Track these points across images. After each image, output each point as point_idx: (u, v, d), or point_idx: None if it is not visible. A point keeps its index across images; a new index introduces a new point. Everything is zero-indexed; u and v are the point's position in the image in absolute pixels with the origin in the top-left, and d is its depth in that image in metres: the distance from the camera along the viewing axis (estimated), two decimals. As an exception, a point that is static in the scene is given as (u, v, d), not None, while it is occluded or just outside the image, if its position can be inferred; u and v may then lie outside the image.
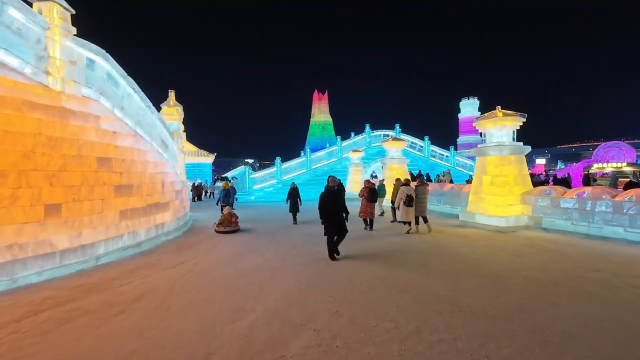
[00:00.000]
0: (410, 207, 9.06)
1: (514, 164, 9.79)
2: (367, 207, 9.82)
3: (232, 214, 10.80)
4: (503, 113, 9.70)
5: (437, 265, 6.03)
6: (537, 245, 7.43)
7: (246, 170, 23.59)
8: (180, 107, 37.04)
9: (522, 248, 7.25)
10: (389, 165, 16.66)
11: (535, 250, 7.06)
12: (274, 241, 9.06)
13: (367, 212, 9.85)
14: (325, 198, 6.66)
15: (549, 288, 4.67)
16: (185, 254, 7.70)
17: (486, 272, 5.54)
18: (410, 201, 8.99)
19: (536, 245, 7.43)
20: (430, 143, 27.42)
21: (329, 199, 6.63)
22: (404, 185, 9.32)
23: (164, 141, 9.97)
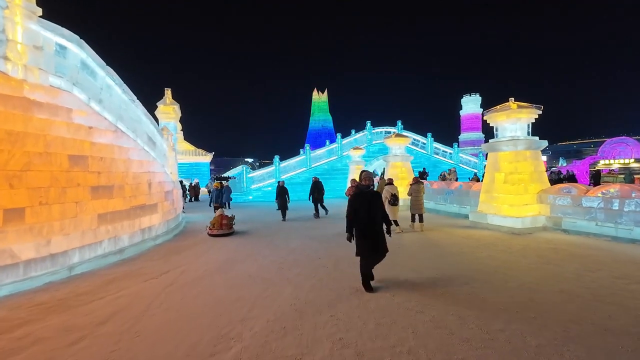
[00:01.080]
0: (395, 206, 9.08)
1: (530, 160, 9.04)
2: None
3: (223, 215, 10.07)
4: (517, 105, 8.94)
5: (455, 276, 5.29)
6: (562, 250, 6.69)
7: (243, 169, 22.85)
8: (176, 106, 36.31)
9: (546, 253, 6.51)
10: (392, 162, 15.91)
11: (561, 256, 6.32)
12: (271, 245, 8.33)
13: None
14: (357, 203, 4.71)
15: (596, 307, 3.92)
16: (172, 260, 6.98)
17: (514, 284, 4.80)
18: (394, 200, 9.00)
19: (561, 250, 6.69)
20: (433, 140, 26.66)
21: (364, 204, 4.68)
22: (388, 185, 9.24)
23: (151, 138, 9.23)
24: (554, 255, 6.37)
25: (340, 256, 6.89)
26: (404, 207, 12.26)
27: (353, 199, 4.84)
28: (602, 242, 7.20)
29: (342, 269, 5.87)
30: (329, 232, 9.87)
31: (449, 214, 12.41)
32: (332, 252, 7.28)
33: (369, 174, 4.92)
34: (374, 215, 4.70)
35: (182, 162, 35.49)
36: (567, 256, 6.27)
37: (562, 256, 6.27)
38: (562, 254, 6.44)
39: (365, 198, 4.74)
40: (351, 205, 4.80)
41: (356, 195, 4.82)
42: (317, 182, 13.04)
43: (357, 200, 4.75)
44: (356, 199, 4.77)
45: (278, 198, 12.39)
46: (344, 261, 6.45)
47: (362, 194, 4.79)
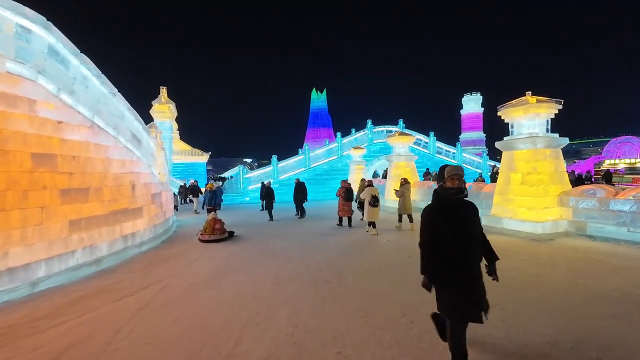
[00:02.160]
0: (376, 207, 9.03)
1: (550, 159, 8.29)
2: (344, 205, 10.36)
3: (216, 219, 9.28)
4: (537, 99, 8.19)
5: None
6: (594, 261, 5.94)
7: (240, 169, 22.06)
8: (172, 105, 35.36)
9: (577, 264, 5.75)
10: (395, 162, 15.14)
11: (595, 267, 5.56)
12: (267, 253, 7.56)
13: (345, 210, 10.38)
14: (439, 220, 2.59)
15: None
16: (155, 272, 6.20)
17: (554, 305, 4.04)
18: (375, 202, 8.95)
19: (593, 261, 5.93)
20: (436, 139, 25.93)
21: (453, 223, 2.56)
22: (369, 186, 9.29)
23: (136, 136, 8.44)
24: (586, 266, 5.61)
25: (343, 267, 6.12)
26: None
27: (431, 213, 2.62)
28: (637, 251, 6.46)
29: (348, 285, 5.10)
30: (330, 238, 9.10)
31: (458, 216, 11.64)
32: (335, 263, 6.51)
33: (458, 171, 2.61)
34: (470, 241, 2.55)
35: (178, 162, 34.70)
36: (603, 268, 5.51)
37: (596, 268, 5.50)
38: (596, 265, 5.68)
39: (453, 213, 2.56)
40: (428, 225, 2.61)
41: (437, 209, 2.61)
42: (299, 184, 13.59)
43: (438, 215, 2.58)
44: (437, 214, 2.59)
45: (264, 199, 12.76)
46: (348, 274, 5.68)
47: (448, 206, 2.58)
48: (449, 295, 2.59)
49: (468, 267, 2.56)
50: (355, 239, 8.86)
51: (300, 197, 13.34)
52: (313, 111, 57.27)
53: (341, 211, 10.43)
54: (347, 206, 10.25)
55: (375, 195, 9.07)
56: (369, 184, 9.67)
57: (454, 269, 2.53)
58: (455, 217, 2.56)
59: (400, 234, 9.38)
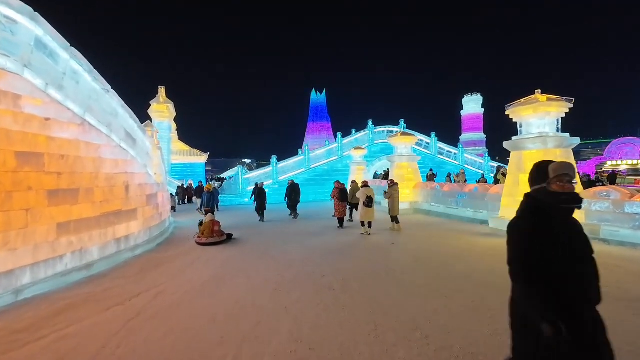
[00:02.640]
0: (370, 207, 9.21)
1: (560, 159, 7.96)
2: (339, 206, 10.50)
3: (214, 221, 8.96)
4: (547, 97, 7.90)
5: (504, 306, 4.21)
6: (611, 266, 5.61)
7: (239, 170, 21.72)
8: (171, 104, 35.06)
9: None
10: (397, 163, 14.85)
11: (616, 275, 5.23)
12: (266, 257, 7.24)
13: (340, 211, 10.50)
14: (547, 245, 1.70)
15: None
16: (148, 278, 5.87)
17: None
18: (369, 202, 9.14)
19: (610, 266, 5.61)
20: (437, 140, 25.65)
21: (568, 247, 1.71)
22: (364, 187, 9.51)
23: (130, 134, 8.11)
24: (606, 273, 5.22)
25: (347, 272, 5.80)
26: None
27: (531, 230, 1.75)
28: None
29: (353, 293, 4.77)
30: (331, 239, 8.78)
31: (462, 219, 11.34)
32: (337, 267, 6.19)
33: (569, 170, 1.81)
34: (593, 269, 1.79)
35: (177, 163, 34.37)
36: (624, 275, 5.20)
37: (617, 276, 5.19)
38: (616, 272, 5.36)
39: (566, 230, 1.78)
40: (528, 248, 1.74)
41: (538, 223, 1.76)
42: (293, 184, 13.84)
43: (544, 233, 1.73)
44: (541, 232, 1.73)
45: (255, 200, 12.88)
46: (352, 280, 5.36)
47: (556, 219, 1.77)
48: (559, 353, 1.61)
49: (591, 310, 1.73)
50: (357, 241, 8.56)
51: (294, 198, 13.52)
52: (313, 106, 57.33)
53: (337, 212, 10.61)
54: (342, 206, 10.44)
55: (370, 196, 9.23)
56: (364, 184, 9.81)
57: (572, 313, 1.65)
58: (569, 236, 1.75)
59: (403, 236, 9.06)
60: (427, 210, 13.44)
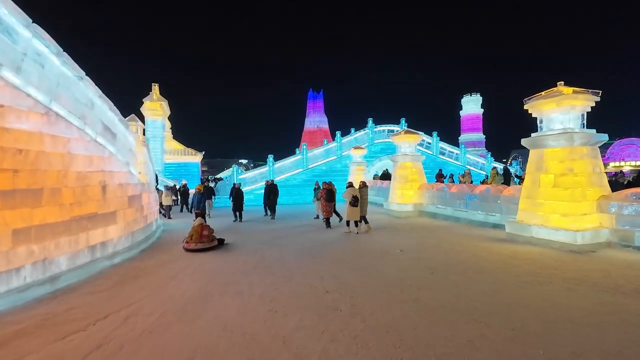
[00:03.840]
0: (356, 207, 9.44)
1: (587, 158, 7.25)
2: (326, 207, 10.59)
3: (204, 225, 8.13)
4: (573, 90, 7.16)
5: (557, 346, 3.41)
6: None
7: (234, 170, 20.86)
8: (165, 102, 34.04)
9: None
10: (400, 163, 14.07)
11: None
12: (261, 267, 6.42)
13: (327, 211, 10.61)
14: None
15: None
16: (123, 293, 5.04)
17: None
18: (355, 202, 9.37)
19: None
20: (439, 139, 24.94)
21: None
22: (350, 187, 9.78)
23: (109, 128, 7.25)
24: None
25: (354, 287, 5.00)
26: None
27: None
28: None
29: (364, 316, 3.96)
30: (333, 247, 7.96)
31: (472, 222, 10.59)
32: (342, 280, 5.38)
33: None
34: None
35: (170, 162, 33.38)
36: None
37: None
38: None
39: None
40: None
41: None
42: (271, 185, 13.93)
43: None
44: None
45: (234, 201, 12.93)
46: (362, 298, 4.55)
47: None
48: None
49: None
50: (360, 248, 7.75)
51: (272, 198, 13.65)
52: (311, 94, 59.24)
53: (325, 212, 10.72)
54: (329, 207, 10.57)
55: (356, 196, 9.46)
56: (349, 185, 10.10)
57: None
58: None
59: (412, 242, 8.27)
60: (432, 212, 12.67)
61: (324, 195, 10.58)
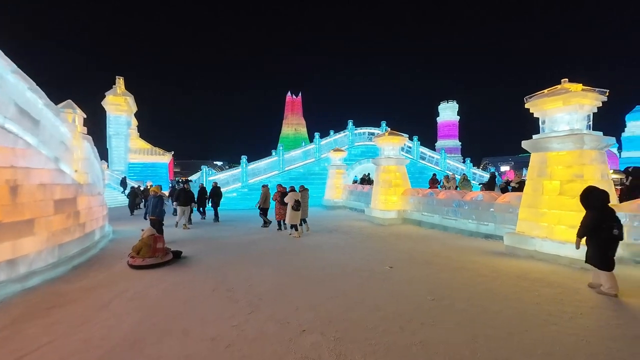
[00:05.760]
0: (298, 211, 9.59)
1: (596, 163, 6.53)
2: (280, 209, 10.56)
3: (156, 237, 6.69)
4: (582, 87, 6.43)
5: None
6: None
7: (204, 171, 19.18)
8: (130, 97, 31.53)
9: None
10: (384, 166, 13.13)
11: None
12: (222, 289, 5.12)
13: (281, 214, 10.55)
14: None
15: None
16: (19, 337, 3.61)
17: None
18: (298, 206, 9.54)
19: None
20: (419, 144, 24.46)
21: None
22: (292, 192, 9.82)
23: (27, 113, 5.68)
24: None
25: (340, 324, 3.81)
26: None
27: None
28: None
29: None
30: (311, 263, 6.72)
31: (463, 232, 9.75)
32: (324, 313, 4.18)
33: None
34: None
35: (136, 162, 30.91)
36: None
37: None
38: None
39: None
40: None
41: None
42: (216, 187, 14.00)
43: None
44: None
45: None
46: (351, 339, 3.39)
47: None
48: None
49: None
50: (345, 264, 6.51)
51: (217, 201, 13.54)
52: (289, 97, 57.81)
53: (277, 215, 10.77)
54: (282, 209, 10.52)
55: (298, 200, 9.59)
56: (291, 189, 10.11)
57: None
58: None
59: (400, 256, 7.22)
60: (417, 220, 11.79)
61: (277, 198, 10.67)
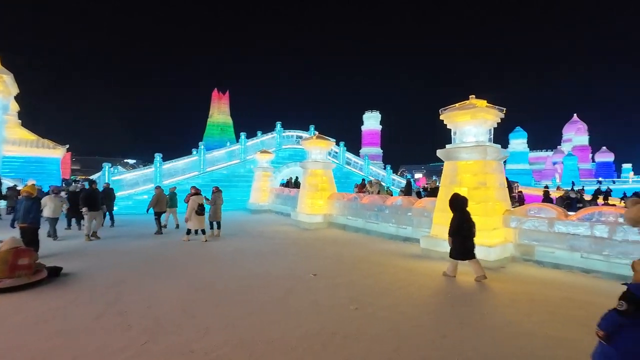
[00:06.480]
0: (202, 215, 9.21)
1: (496, 173, 7.33)
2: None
3: (18, 250, 5.23)
4: (486, 103, 7.15)
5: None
6: (582, 303, 4.71)
7: (106, 169, 16.52)
8: (9, 76, 25.35)
9: (575, 313, 4.37)
10: (311, 170, 13.01)
11: (590, 313, 4.25)
12: (109, 315, 4.16)
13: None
14: None
15: None
16: None
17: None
18: (201, 210, 9.16)
19: (581, 302, 4.70)
20: (346, 149, 25.26)
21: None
22: (195, 195, 9.32)
23: None
24: (582, 313, 4.24)
25: (258, 345, 3.31)
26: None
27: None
28: (595, 282, 5.67)
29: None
30: (229, 271, 6.02)
31: (384, 235, 10.12)
32: (240, 333, 3.64)
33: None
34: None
35: (14, 156, 25.36)
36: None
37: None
38: (588, 309, 4.41)
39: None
40: None
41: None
42: (108, 187, 12.28)
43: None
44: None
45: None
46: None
47: None
48: None
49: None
50: (268, 273, 5.99)
51: (109, 204, 11.81)
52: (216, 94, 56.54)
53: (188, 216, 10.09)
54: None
55: (201, 204, 9.21)
56: (195, 192, 9.48)
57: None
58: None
59: (324, 263, 7.03)
60: (342, 224, 11.91)
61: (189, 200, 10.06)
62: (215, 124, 58.64)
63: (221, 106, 59.69)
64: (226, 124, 59.07)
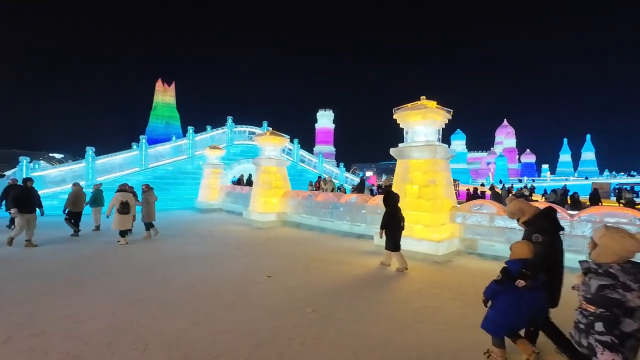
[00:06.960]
0: (126, 214, 8.42)
1: (444, 171, 7.67)
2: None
3: None
4: (435, 105, 7.44)
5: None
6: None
7: (24, 164, 14.35)
8: None
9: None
10: (264, 167, 12.58)
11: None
12: (21, 337, 3.50)
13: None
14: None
15: None
16: None
17: None
18: (124, 209, 8.36)
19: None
20: (300, 147, 25.05)
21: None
22: (119, 192, 8.57)
23: None
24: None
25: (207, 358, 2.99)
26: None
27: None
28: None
29: None
30: (173, 278, 5.46)
31: (338, 232, 10.13)
32: (185, 347, 3.25)
33: None
34: None
35: None
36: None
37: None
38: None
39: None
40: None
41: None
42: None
43: None
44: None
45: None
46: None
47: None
48: None
49: None
50: (220, 275, 5.56)
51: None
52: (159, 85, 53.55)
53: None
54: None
55: (126, 202, 8.41)
56: (121, 189, 8.62)
57: None
58: None
59: (283, 263, 6.78)
60: (297, 222, 11.72)
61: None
62: (160, 116, 54.76)
63: (166, 98, 55.84)
64: (172, 117, 55.45)
